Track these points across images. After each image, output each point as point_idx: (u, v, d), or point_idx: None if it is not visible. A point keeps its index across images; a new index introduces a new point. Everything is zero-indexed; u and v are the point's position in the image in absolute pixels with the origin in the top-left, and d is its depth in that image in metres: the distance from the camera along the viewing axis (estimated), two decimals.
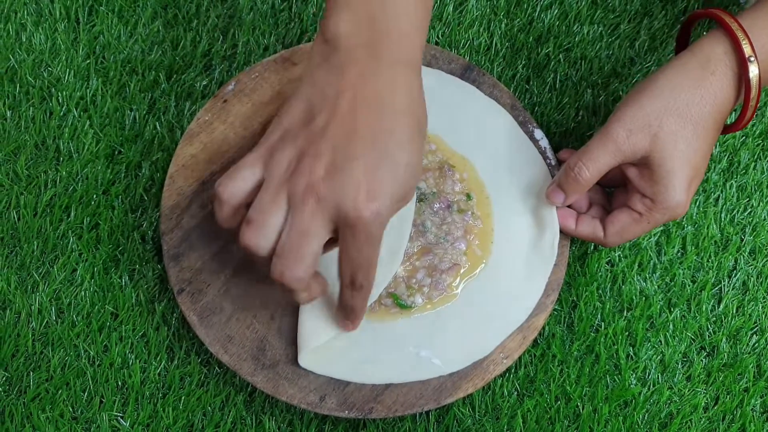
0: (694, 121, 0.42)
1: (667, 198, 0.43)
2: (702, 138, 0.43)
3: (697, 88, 0.43)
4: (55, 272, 0.48)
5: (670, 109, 0.42)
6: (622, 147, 0.43)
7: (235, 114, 0.49)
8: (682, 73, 0.43)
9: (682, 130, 0.42)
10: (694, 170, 0.43)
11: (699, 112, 0.43)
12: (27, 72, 0.52)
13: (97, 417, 0.45)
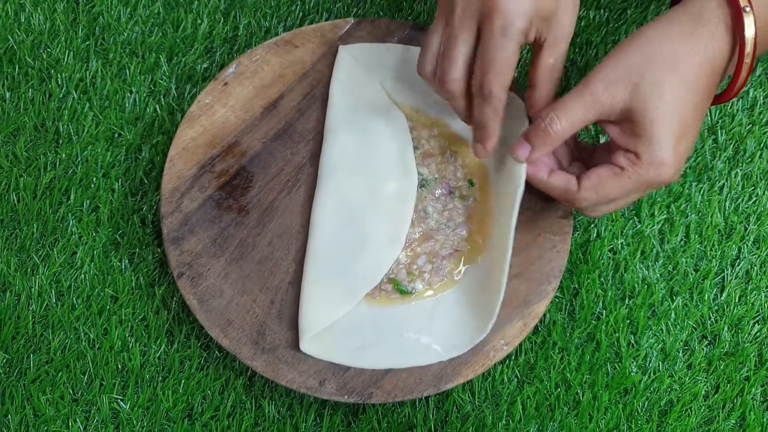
0: (681, 73, 0.38)
1: (652, 151, 0.38)
2: (692, 91, 0.38)
3: (686, 41, 0.38)
4: (55, 255, 0.47)
5: (654, 60, 0.38)
6: (600, 98, 0.39)
7: (236, 97, 0.49)
8: (670, 24, 0.39)
9: (668, 80, 0.38)
10: (682, 125, 0.38)
11: (688, 64, 0.38)
12: (26, 53, 0.51)
13: (97, 399, 0.45)
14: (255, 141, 0.48)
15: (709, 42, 0.39)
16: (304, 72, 0.49)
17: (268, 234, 0.46)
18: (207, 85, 0.49)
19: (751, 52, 0.38)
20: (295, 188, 0.47)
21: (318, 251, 0.45)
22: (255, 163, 0.48)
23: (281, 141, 0.48)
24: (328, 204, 0.46)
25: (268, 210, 0.47)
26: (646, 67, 0.39)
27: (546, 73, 0.41)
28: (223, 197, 0.47)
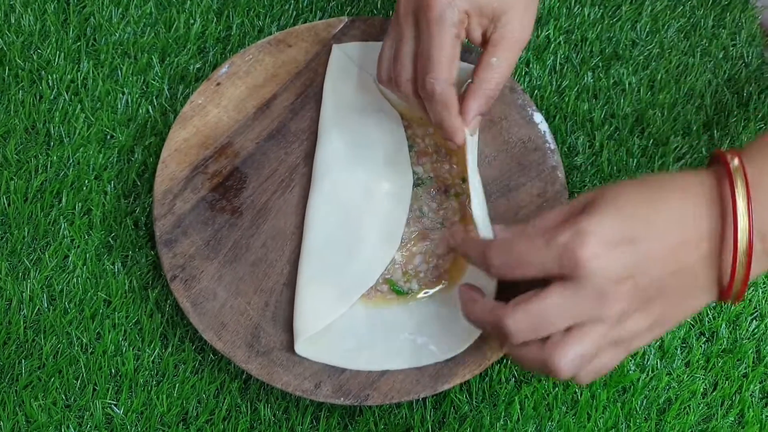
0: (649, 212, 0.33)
1: (585, 283, 0.33)
2: (653, 235, 0.33)
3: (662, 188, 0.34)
4: (47, 259, 0.47)
5: (629, 187, 0.34)
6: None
7: (229, 97, 0.48)
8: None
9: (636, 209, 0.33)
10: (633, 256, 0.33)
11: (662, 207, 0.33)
12: (16, 54, 0.51)
13: (90, 405, 0.45)
14: (248, 141, 0.48)
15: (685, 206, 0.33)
16: (298, 71, 0.49)
17: (262, 235, 0.46)
18: (200, 85, 0.48)
19: (745, 244, 0.32)
20: (289, 189, 0.47)
21: (312, 252, 0.45)
22: (248, 163, 0.47)
23: (275, 141, 0.48)
24: (323, 204, 0.46)
25: (262, 211, 0.46)
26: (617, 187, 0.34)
27: (484, 71, 0.39)
28: (216, 199, 0.47)
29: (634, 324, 0.34)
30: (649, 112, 0.52)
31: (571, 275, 0.33)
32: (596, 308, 0.33)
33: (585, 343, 0.33)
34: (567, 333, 0.33)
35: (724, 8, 0.55)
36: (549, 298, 0.33)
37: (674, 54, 0.53)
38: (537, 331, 0.34)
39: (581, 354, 0.33)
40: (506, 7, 0.38)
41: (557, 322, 0.33)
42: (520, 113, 0.49)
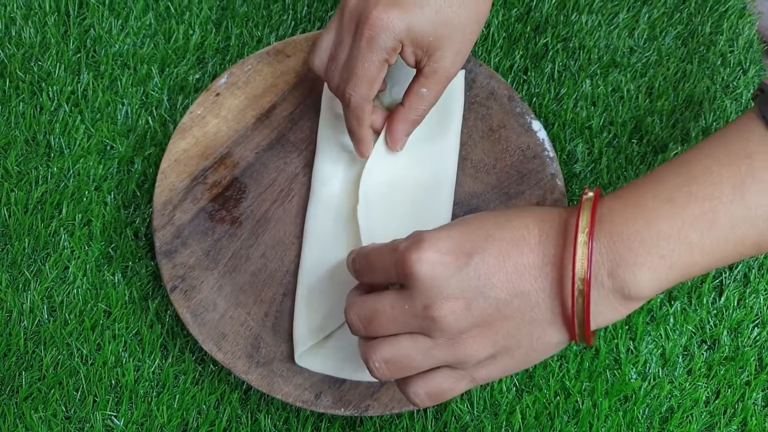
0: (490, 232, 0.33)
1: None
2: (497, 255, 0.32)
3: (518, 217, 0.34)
4: (47, 270, 0.47)
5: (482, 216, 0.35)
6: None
7: (228, 107, 0.48)
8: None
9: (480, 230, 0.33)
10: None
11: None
12: (17, 66, 0.51)
13: (90, 416, 0.45)
14: (247, 152, 0.48)
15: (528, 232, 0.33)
16: (297, 81, 0.49)
17: (261, 245, 0.46)
18: (199, 96, 0.49)
19: (583, 273, 0.31)
20: (289, 198, 0.47)
21: (312, 262, 0.45)
22: (248, 173, 0.47)
23: (274, 151, 0.48)
24: (322, 214, 0.46)
25: (262, 221, 0.46)
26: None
27: (413, 99, 0.42)
28: (215, 209, 0.47)
29: (472, 348, 0.32)
30: (647, 119, 0.52)
31: (405, 281, 0.33)
32: (423, 320, 0.32)
33: (402, 347, 0.33)
34: (393, 336, 0.33)
35: (722, 15, 0.55)
36: (382, 299, 0.33)
37: (672, 61, 0.53)
38: (367, 327, 0.34)
39: (392, 359, 0.33)
40: (441, 43, 0.39)
41: (385, 324, 0.33)
42: (518, 121, 0.49)
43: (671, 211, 0.32)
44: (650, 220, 0.32)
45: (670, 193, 0.32)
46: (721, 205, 0.32)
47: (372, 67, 0.39)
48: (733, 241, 0.32)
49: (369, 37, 0.38)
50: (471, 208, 0.47)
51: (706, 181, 0.32)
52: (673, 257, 0.32)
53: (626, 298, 0.32)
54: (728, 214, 0.32)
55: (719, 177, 0.32)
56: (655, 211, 0.32)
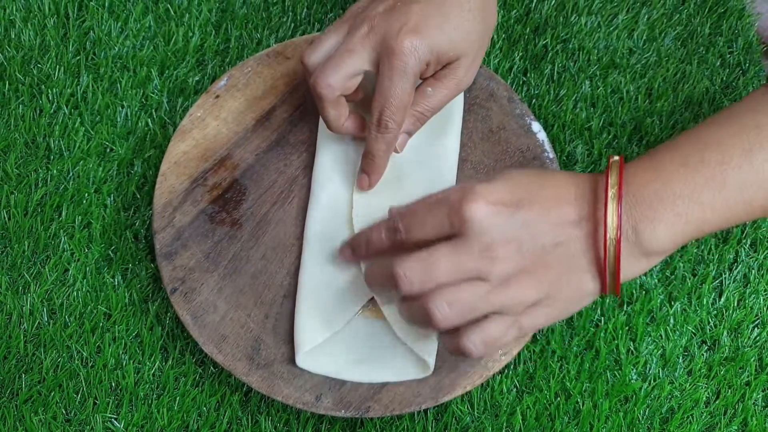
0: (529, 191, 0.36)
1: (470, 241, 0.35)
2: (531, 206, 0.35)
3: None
4: (47, 272, 0.47)
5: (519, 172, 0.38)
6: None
7: (228, 109, 0.48)
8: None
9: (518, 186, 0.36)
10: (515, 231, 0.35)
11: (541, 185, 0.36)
12: (16, 69, 0.51)
13: (90, 419, 0.44)
14: (247, 153, 0.48)
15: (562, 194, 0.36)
16: (296, 83, 0.49)
17: (261, 247, 0.46)
18: (199, 98, 0.49)
19: (614, 229, 0.34)
20: (289, 200, 0.47)
21: (313, 264, 0.45)
22: (248, 175, 0.47)
23: (274, 153, 0.48)
24: (322, 216, 0.46)
25: (262, 223, 0.46)
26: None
27: (421, 96, 0.42)
28: (215, 211, 0.47)
29: (520, 291, 0.35)
30: (647, 120, 0.52)
31: (459, 231, 0.35)
32: (480, 263, 0.35)
33: (463, 292, 0.35)
34: (449, 284, 0.35)
35: (721, 16, 0.55)
36: (437, 251, 0.35)
37: (671, 62, 0.53)
38: (424, 280, 0.35)
39: (455, 301, 0.35)
40: (460, 55, 0.41)
41: (444, 273, 0.35)
42: (518, 122, 0.49)
43: (685, 174, 0.36)
44: (666, 182, 0.35)
45: (685, 158, 0.36)
46: (730, 169, 0.35)
47: (406, 94, 0.41)
48: (742, 202, 0.36)
49: (399, 68, 0.40)
50: None
51: (717, 149, 0.36)
52: (688, 215, 0.35)
53: (647, 253, 0.36)
54: (737, 178, 0.35)
55: (730, 146, 0.36)
56: (671, 174, 0.36)
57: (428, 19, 0.40)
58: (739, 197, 0.36)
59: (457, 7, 0.40)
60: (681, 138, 0.37)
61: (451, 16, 0.40)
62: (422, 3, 0.40)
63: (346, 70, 0.40)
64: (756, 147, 0.35)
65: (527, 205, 0.35)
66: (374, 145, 0.43)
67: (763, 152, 0.35)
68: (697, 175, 0.35)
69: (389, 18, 0.40)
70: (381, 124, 0.41)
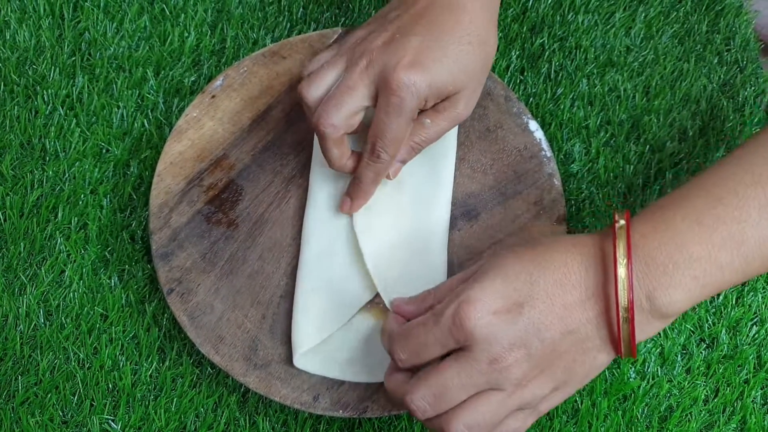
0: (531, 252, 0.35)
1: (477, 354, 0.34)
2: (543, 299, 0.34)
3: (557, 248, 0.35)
4: (43, 274, 0.47)
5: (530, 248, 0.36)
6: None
7: (224, 109, 0.48)
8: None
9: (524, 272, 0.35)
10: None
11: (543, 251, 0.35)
12: (11, 70, 0.51)
13: (87, 421, 0.44)
14: (243, 154, 0.48)
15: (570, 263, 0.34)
16: (293, 83, 0.49)
17: (258, 247, 0.46)
18: (194, 98, 0.48)
19: (625, 300, 0.33)
20: (285, 200, 0.47)
21: (310, 265, 0.45)
22: (244, 176, 0.47)
23: (270, 153, 0.48)
24: (320, 216, 0.46)
25: (258, 223, 0.46)
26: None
27: (418, 127, 0.41)
28: (212, 211, 0.46)
29: (537, 389, 0.34)
30: (644, 118, 0.52)
31: (464, 345, 0.34)
32: (491, 375, 0.34)
33: (480, 409, 0.34)
34: (464, 401, 0.34)
35: (718, 13, 0.55)
36: (446, 370, 0.34)
37: (669, 60, 0.53)
38: (439, 403, 0.34)
39: (475, 421, 0.34)
40: (459, 89, 0.40)
41: (457, 395, 0.34)
42: (515, 121, 0.49)
43: (701, 234, 0.34)
44: (681, 244, 0.34)
45: (698, 215, 0.34)
46: (748, 226, 0.34)
47: (402, 129, 0.40)
48: (760, 257, 0.34)
49: (395, 105, 0.39)
50: (468, 208, 0.47)
51: (732, 204, 0.34)
52: (705, 277, 0.34)
53: (663, 316, 0.34)
54: (756, 235, 0.34)
55: (745, 199, 0.34)
56: (685, 234, 0.34)
57: (427, 52, 0.39)
58: (757, 253, 0.34)
59: (457, 40, 0.39)
60: (691, 189, 0.35)
61: (450, 50, 0.39)
62: (421, 35, 0.39)
63: (347, 108, 0.40)
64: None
65: (529, 304, 0.34)
66: (364, 171, 0.42)
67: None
68: (714, 234, 0.33)
69: (387, 51, 0.39)
70: (374, 153, 0.41)
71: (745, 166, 0.35)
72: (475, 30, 0.40)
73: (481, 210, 0.47)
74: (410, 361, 0.36)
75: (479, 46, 0.40)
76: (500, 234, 0.46)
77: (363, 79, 0.39)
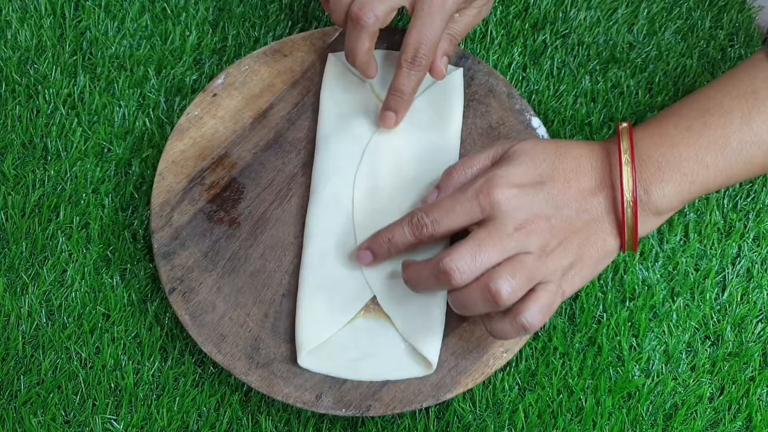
0: (558, 152, 0.40)
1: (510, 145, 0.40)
2: (561, 176, 0.39)
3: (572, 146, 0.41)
4: (45, 273, 0.47)
5: (549, 141, 0.42)
6: (497, 148, 0.41)
7: (225, 108, 0.48)
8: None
9: (550, 148, 0.41)
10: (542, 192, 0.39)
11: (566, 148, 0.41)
12: (13, 70, 0.51)
13: (90, 420, 0.44)
14: (245, 152, 0.48)
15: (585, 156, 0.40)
16: (294, 81, 0.49)
17: (260, 246, 0.46)
18: (196, 96, 0.48)
19: (630, 191, 0.38)
20: (287, 199, 0.47)
21: (313, 263, 0.44)
22: (246, 174, 0.47)
23: (272, 151, 0.48)
24: (323, 214, 0.45)
25: (260, 221, 0.46)
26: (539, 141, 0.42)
27: (407, 37, 0.43)
28: (213, 210, 0.46)
29: (557, 260, 0.38)
30: (648, 114, 0.51)
31: (490, 214, 0.38)
32: (519, 240, 0.38)
33: (516, 266, 0.37)
34: (500, 263, 0.38)
35: (721, 9, 0.54)
36: (478, 237, 0.38)
37: (672, 56, 0.53)
38: (475, 268, 0.37)
39: (516, 273, 0.37)
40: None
41: (491, 257, 0.37)
42: (517, 118, 0.48)
43: (689, 138, 0.39)
44: (672, 145, 0.39)
45: (688, 122, 0.40)
46: (731, 132, 0.39)
47: (441, 31, 0.42)
48: (742, 161, 0.39)
49: (438, 5, 0.41)
50: None
51: (717, 113, 0.39)
52: (692, 174, 0.39)
53: (658, 211, 0.40)
54: (738, 139, 0.39)
55: (729, 109, 0.39)
56: (676, 138, 0.39)
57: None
58: (739, 157, 0.39)
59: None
60: (684, 104, 0.41)
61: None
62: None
63: (390, 2, 0.41)
64: (754, 112, 0.39)
65: (549, 182, 0.39)
66: (406, 81, 0.43)
67: (761, 116, 0.39)
68: (700, 138, 0.39)
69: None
70: (416, 60, 0.42)
71: (731, 83, 0.40)
72: None
73: None
74: (434, 226, 0.39)
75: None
76: None
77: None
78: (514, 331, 0.38)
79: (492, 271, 0.37)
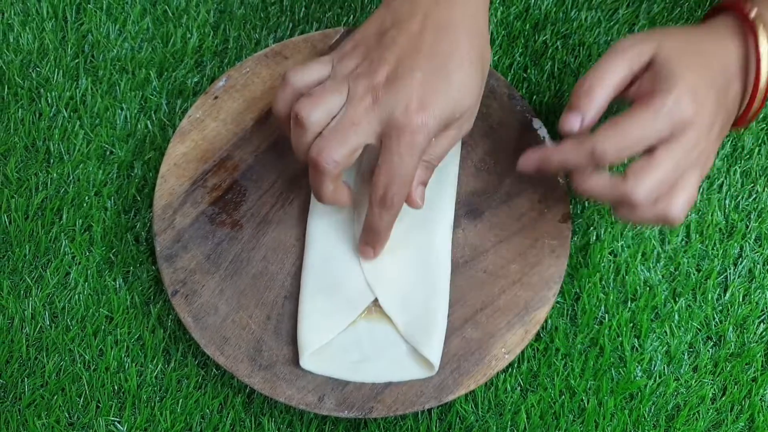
0: (698, 50, 0.40)
1: (668, 84, 0.38)
2: (706, 68, 0.39)
3: (704, 39, 0.41)
4: (48, 276, 0.47)
5: (674, 34, 0.41)
6: (627, 52, 0.39)
7: (227, 110, 0.48)
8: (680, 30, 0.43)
9: (687, 47, 0.40)
10: (701, 82, 0.39)
11: (703, 48, 0.40)
12: (15, 73, 0.51)
13: (93, 422, 0.44)
14: (247, 154, 0.48)
15: (721, 49, 0.40)
16: None
17: (262, 248, 0.46)
18: (197, 99, 0.48)
19: (765, 82, 0.40)
20: (289, 201, 0.47)
21: (315, 266, 0.44)
22: (248, 176, 0.47)
23: (274, 153, 0.48)
24: (325, 217, 0.46)
25: (262, 224, 0.46)
26: (667, 34, 0.41)
27: (431, 146, 0.40)
28: (216, 212, 0.46)
29: (714, 135, 0.40)
30: None
31: (682, 129, 0.38)
32: (680, 124, 0.38)
33: (700, 148, 0.39)
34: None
35: None
36: (640, 122, 0.38)
37: None
38: (635, 143, 0.38)
39: (677, 158, 0.38)
40: (464, 111, 0.40)
41: (649, 132, 0.38)
42: (518, 119, 0.48)
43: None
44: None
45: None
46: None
47: (413, 169, 0.39)
48: None
49: (407, 144, 0.38)
50: (472, 207, 0.47)
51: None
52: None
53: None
54: None
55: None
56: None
57: (432, 86, 0.38)
58: None
59: (458, 65, 0.38)
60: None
61: (453, 78, 0.38)
62: (422, 69, 0.38)
63: (351, 145, 0.38)
64: None
65: (709, 88, 0.39)
66: (378, 221, 0.40)
67: None
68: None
69: (393, 91, 0.37)
70: (386, 201, 0.39)
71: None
72: (473, 47, 0.39)
73: (485, 209, 0.47)
74: (616, 155, 0.38)
75: (478, 61, 0.39)
76: (504, 233, 0.46)
77: (368, 117, 0.38)
78: (655, 222, 0.39)
79: (645, 165, 0.38)
